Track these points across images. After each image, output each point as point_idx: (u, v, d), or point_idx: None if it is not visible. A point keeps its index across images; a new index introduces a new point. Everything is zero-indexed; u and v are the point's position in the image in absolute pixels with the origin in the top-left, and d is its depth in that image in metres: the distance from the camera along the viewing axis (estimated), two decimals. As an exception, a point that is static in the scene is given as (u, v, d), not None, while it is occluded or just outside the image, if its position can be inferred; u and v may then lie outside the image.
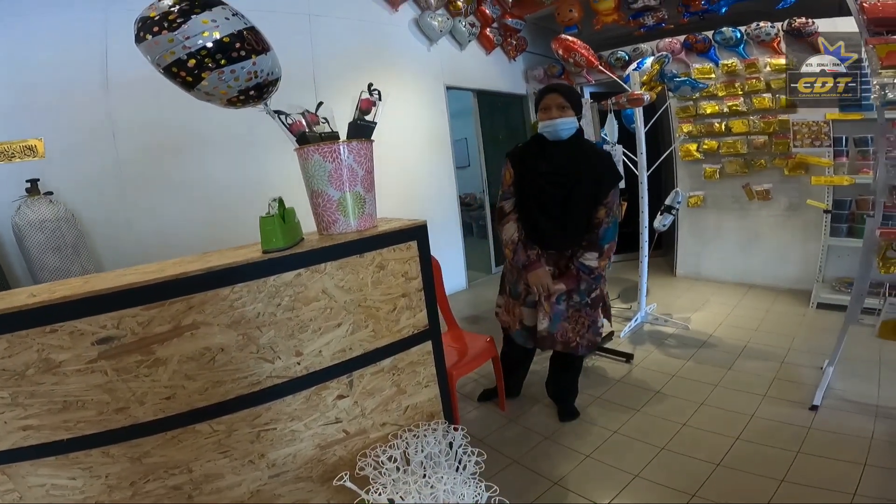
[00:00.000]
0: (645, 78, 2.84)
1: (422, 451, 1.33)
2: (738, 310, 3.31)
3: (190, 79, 1.16)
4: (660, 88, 2.95)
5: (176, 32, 1.09)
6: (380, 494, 1.18)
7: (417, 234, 1.50)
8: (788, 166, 3.43)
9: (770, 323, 3.01)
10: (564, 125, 1.77)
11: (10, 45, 2.36)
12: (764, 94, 3.48)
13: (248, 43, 1.18)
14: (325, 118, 1.46)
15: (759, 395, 2.15)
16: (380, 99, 1.43)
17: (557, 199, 1.78)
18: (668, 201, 3.16)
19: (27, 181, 2.33)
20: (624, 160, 2.94)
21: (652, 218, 3.11)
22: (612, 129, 2.90)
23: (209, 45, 1.12)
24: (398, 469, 1.27)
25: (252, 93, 1.27)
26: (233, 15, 1.18)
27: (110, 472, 1.11)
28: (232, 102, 1.27)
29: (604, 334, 2.34)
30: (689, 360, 2.57)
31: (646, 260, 3.11)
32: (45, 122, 2.49)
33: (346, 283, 1.36)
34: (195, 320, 1.16)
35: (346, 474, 1.25)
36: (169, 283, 1.12)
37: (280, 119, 1.41)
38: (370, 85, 1.44)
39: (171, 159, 2.78)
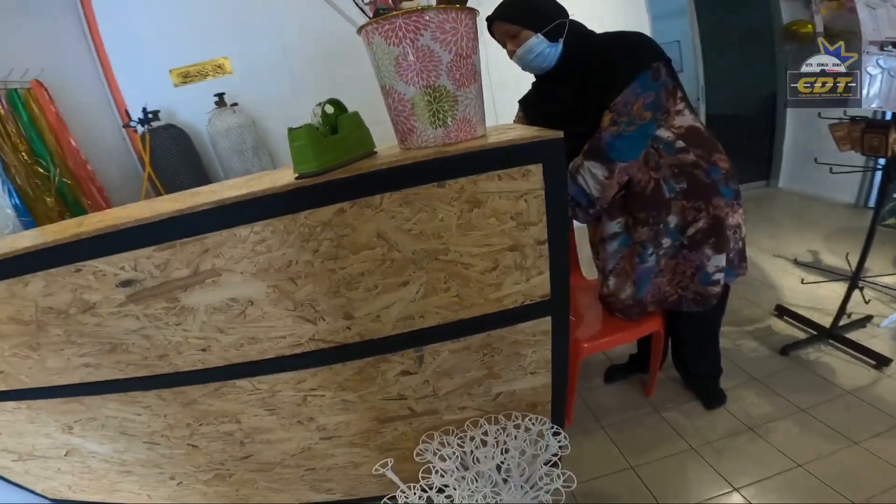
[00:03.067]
0: None
1: (495, 454, 1.00)
2: None
3: None
4: None
5: None
6: (422, 492, 0.94)
7: (544, 153, 0.89)
8: None
9: None
10: (530, 53, 1.22)
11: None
12: None
13: None
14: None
15: None
16: None
17: (582, 138, 1.23)
18: None
19: (215, 95, 2.79)
20: None
21: None
22: None
23: None
24: (460, 465, 1.01)
25: None
26: None
27: (167, 413, 1.09)
28: None
29: (724, 282, 1.35)
30: None
31: None
32: (229, 42, 2.92)
33: (416, 226, 0.92)
34: (214, 265, 0.92)
35: (389, 461, 1.04)
36: (175, 220, 0.87)
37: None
38: None
39: (337, 66, 2.96)
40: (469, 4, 0.90)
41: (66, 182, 2.29)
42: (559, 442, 1.07)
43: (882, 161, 1.67)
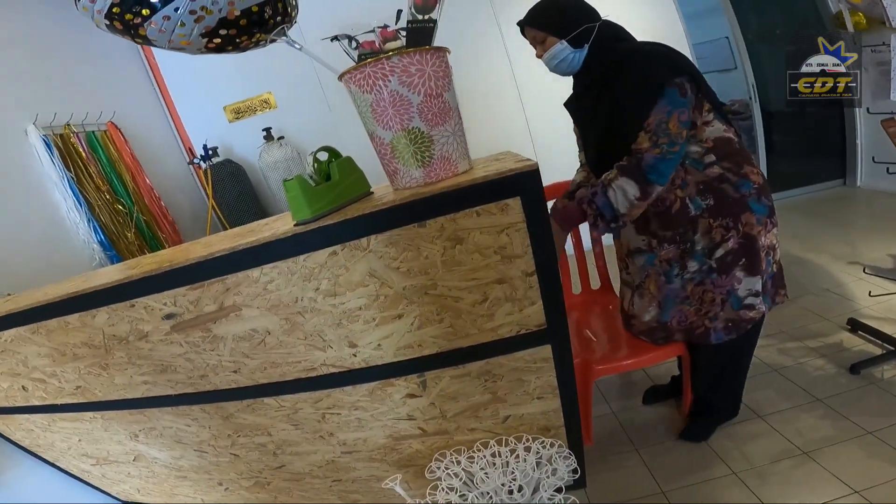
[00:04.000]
0: None
1: (500, 475, 1.04)
2: None
3: (138, 40, 0.98)
4: None
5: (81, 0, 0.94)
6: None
7: (522, 185, 0.90)
8: None
9: None
10: (554, 59, 1.24)
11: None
12: None
13: None
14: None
15: None
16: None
17: (601, 146, 1.26)
18: None
19: (263, 129, 3.02)
20: None
21: None
22: None
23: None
24: (467, 483, 1.05)
25: (225, 32, 0.97)
26: None
27: (211, 424, 1.28)
28: (212, 48, 0.97)
29: (759, 306, 1.23)
30: None
31: None
32: (272, 78, 3.15)
33: (403, 264, 0.98)
34: (235, 302, 1.07)
35: (397, 478, 1.12)
36: (200, 265, 1.03)
37: (345, 44, 0.97)
38: None
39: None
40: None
41: (143, 218, 2.58)
42: (568, 466, 1.08)
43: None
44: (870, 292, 1.99)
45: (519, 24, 1.27)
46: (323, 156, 1.00)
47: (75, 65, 2.64)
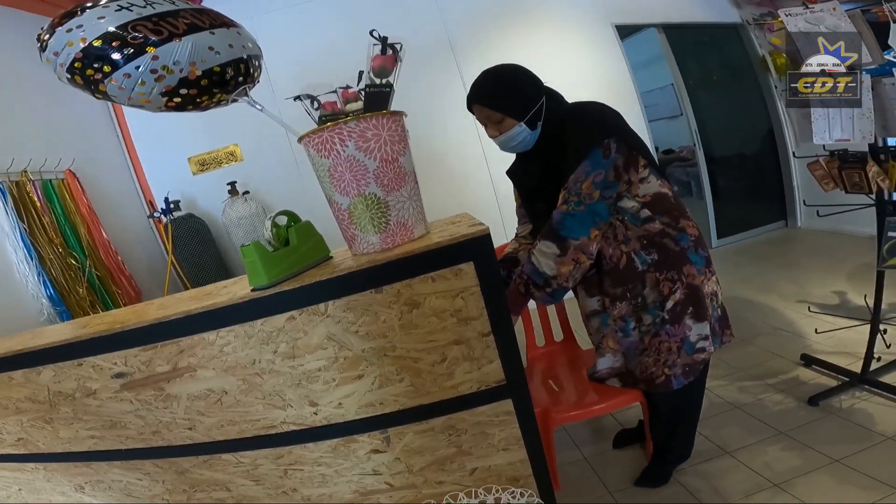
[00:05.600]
0: None
1: None
2: None
3: (98, 96, 0.99)
4: None
5: (46, 52, 0.96)
6: None
7: (475, 250, 0.94)
8: None
9: None
10: (511, 142, 1.27)
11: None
12: None
13: (134, 37, 0.92)
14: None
15: None
16: (397, 53, 0.85)
17: (549, 213, 1.28)
18: None
19: (228, 183, 2.95)
20: None
21: None
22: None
23: (77, 54, 0.93)
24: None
25: (186, 91, 0.99)
26: (119, 10, 0.93)
27: (165, 479, 1.26)
28: (172, 107, 1.00)
29: (710, 350, 1.32)
30: None
31: None
32: (236, 131, 3.11)
33: (362, 328, 1.00)
34: (190, 363, 1.07)
35: None
36: (154, 327, 1.04)
37: (307, 104, 0.99)
38: (373, 32, 0.87)
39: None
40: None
41: (96, 273, 2.49)
42: None
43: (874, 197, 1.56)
44: (816, 329, 2.13)
45: (469, 99, 1.26)
46: (282, 220, 1.01)
47: (35, 108, 2.56)
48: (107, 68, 0.92)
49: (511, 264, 1.41)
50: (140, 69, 0.93)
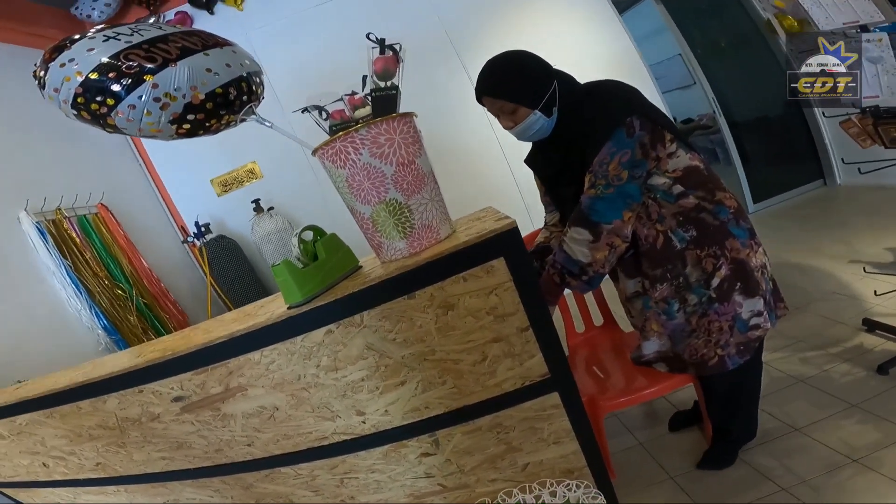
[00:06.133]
0: None
1: None
2: None
3: (109, 129, 1.01)
4: None
5: (46, 89, 0.97)
6: None
7: (504, 245, 0.92)
8: None
9: None
10: (528, 131, 1.22)
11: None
12: None
13: (129, 66, 0.93)
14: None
15: None
16: (397, 53, 0.84)
17: (577, 199, 1.24)
18: None
19: (252, 202, 2.99)
20: None
21: None
22: None
23: (77, 89, 0.94)
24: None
25: (193, 117, 1.00)
26: (107, 40, 0.93)
27: (233, 495, 1.33)
28: (182, 134, 1.00)
29: (766, 326, 1.24)
30: None
31: None
32: (255, 148, 3.13)
33: (399, 335, 1.01)
34: (240, 383, 1.12)
35: None
36: (202, 351, 1.09)
37: (315, 115, 1.00)
38: (370, 34, 0.86)
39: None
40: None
41: (143, 301, 2.59)
42: None
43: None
44: (875, 291, 1.98)
45: (478, 91, 1.23)
46: (308, 235, 1.03)
47: (61, 146, 2.65)
48: (110, 101, 0.95)
49: (543, 254, 1.38)
50: (143, 99, 0.95)
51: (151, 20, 2.85)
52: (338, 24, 3.23)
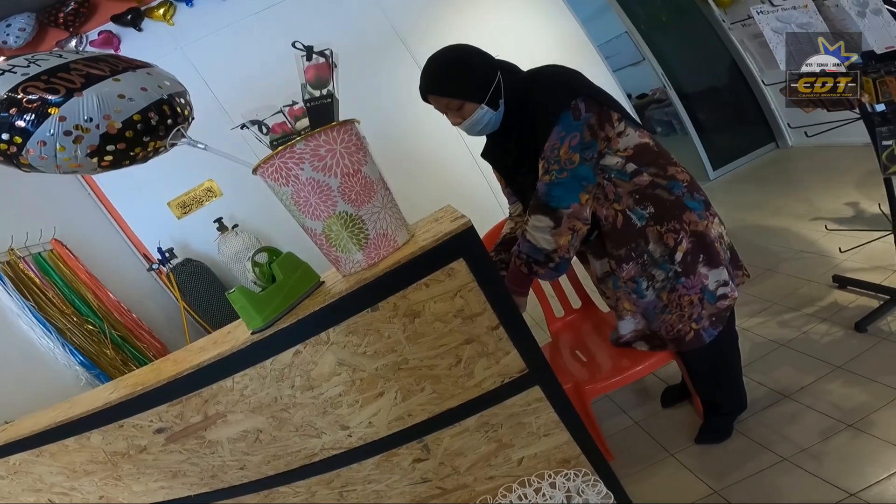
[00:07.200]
0: None
1: None
2: None
3: (25, 169, 0.95)
4: None
5: None
6: None
7: (461, 246, 0.89)
8: None
9: None
10: (477, 126, 1.21)
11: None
12: None
13: (29, 100, 0.87)
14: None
15: None
16: (329, 58, 0.79)
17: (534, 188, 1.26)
18: None
19: (214, 221, 2.86)
20: None
21: None
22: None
23: None
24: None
25: (113, 147, 0.95)
26: (2, 73, 0.88)
27: (236, 517, 1.34)
28: (106, 166, 0.94)
29: (731, 293, 1.24)
30: None
31: None
32: (209, 166, 2.96)
33: (369, 348, 0.99)
34: (218, 410, 1.11)
35: None
36: (173, 383, 1.07)
37: (256, 130, 0.95)
38: (295, 43, 0.88)
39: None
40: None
41: (117, 334, 2.50)
42: (599, 491, 1.10)
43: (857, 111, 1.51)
44: (840, 248, 1.96)
45: (422, 89, 1.21)
46: (262, 258, 1.00)
47: (4, 183, 2.49)
48: (18, 139, 0.89)
49: (510, 245, 1.36)
50: (52, 133, 0.89)
51: (72, 42, 2.72)
52: (279, 32, 3.06)
